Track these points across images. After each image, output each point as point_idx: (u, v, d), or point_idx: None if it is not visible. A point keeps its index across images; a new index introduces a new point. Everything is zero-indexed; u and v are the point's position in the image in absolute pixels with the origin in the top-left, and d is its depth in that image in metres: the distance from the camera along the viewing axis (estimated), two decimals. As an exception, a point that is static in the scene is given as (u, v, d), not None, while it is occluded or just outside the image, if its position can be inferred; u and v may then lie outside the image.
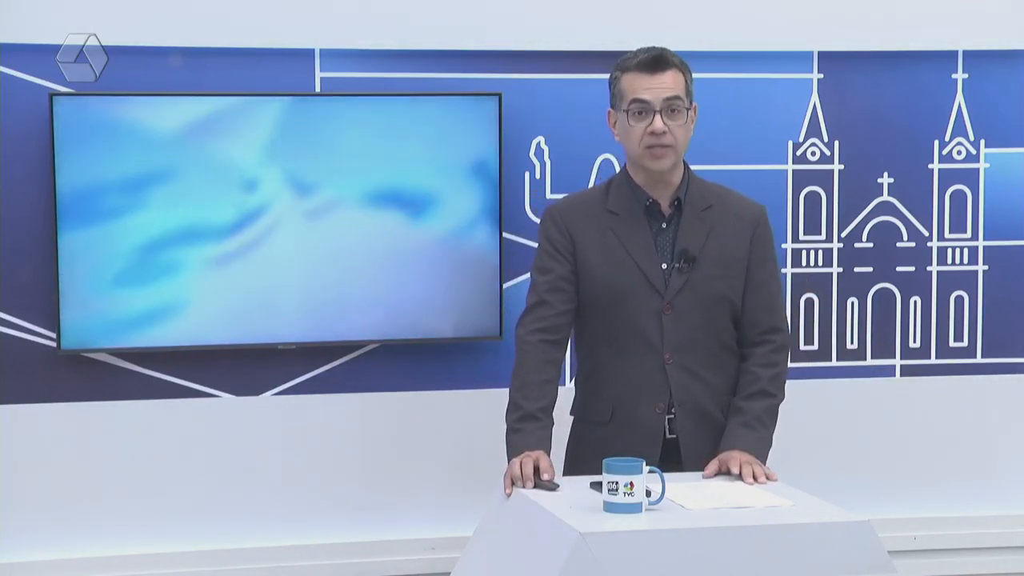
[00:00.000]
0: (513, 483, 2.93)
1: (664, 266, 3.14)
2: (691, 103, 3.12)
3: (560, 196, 3.71)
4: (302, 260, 4.20)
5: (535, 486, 2.89)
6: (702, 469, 3.06)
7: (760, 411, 3.12)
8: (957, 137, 4.58)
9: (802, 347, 4.54)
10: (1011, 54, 4.57)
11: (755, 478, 2.93)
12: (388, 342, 4.30)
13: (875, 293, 4.58)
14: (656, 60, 3.10)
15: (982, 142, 4.59)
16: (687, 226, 3.15)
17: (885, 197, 4.57)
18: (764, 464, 3.04)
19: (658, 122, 3.06)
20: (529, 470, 2.91)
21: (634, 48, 3.15)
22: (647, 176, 3.15)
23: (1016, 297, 4.65)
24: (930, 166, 4.58)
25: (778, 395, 3.18)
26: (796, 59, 4.48)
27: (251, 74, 4.19)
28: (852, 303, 4.58)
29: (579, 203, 3.23)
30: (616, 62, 3.16)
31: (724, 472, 2.99)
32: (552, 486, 2.88)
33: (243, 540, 4.29)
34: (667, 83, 3.08)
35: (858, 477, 4.53)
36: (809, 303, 4.56)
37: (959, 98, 4.56)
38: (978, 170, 4.60)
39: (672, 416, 3.14)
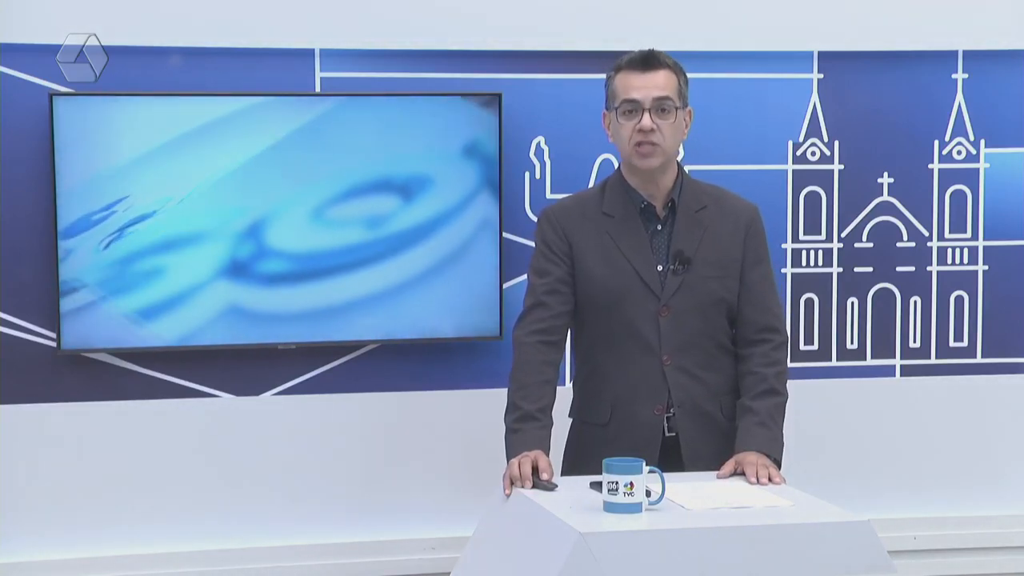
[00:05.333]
0: (512, 483, 2.93)
1: (660, 268, 3.14)
2: (684, 105, 3.12)
3: (560, 196, 3.70)
4: (302, 259, 4.20)
5: (533, 486, 2.89)
6: (704, 468, 3.07)
7: (771, 409, 3.12)
8: (957, 137, 4.58)
9: (802, 347, 4.54)
10: (1011, 54, 4.57)
11: (767, 479, 2.93)
12: (388, 342, 4.30)
13: (875, 293, 4.59)
14: (647, 58, 3.11)
15: (982, 142, 4.59)
16: (681, 228, 3.15)
17: (885, 197, 4.57)
18: (779, 466, 3.05)
19: (646, 119, 3.06)
20: (527, 470, 2.92)
21: (632, 48, 3.16)
22: (640, 177, 3.15)
23: (1016, 297, 4.65)
24: (930, 166, 4.58)
25: (784, 393, 3.18)
26: (796, 59, 4.48)
27: (251, 74, 4.19)
28: (852, 303, 4.58)
29: (575, 205, 3.23)
30: (610, 65, 3.17)
31: (739, 473, 2.99)
32: (550, 486, 2.88)
33: (243, 540, 4.29)
34: (658, 82, 3.08)
35: (858, 477, 4.53)
36: (809, 303, 4.56)
37: (959, 98, 4.57)
38: (978, 170, 4.60)
39: (671, 415, 3.14)
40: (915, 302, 4.60)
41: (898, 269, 4.59)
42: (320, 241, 4.21)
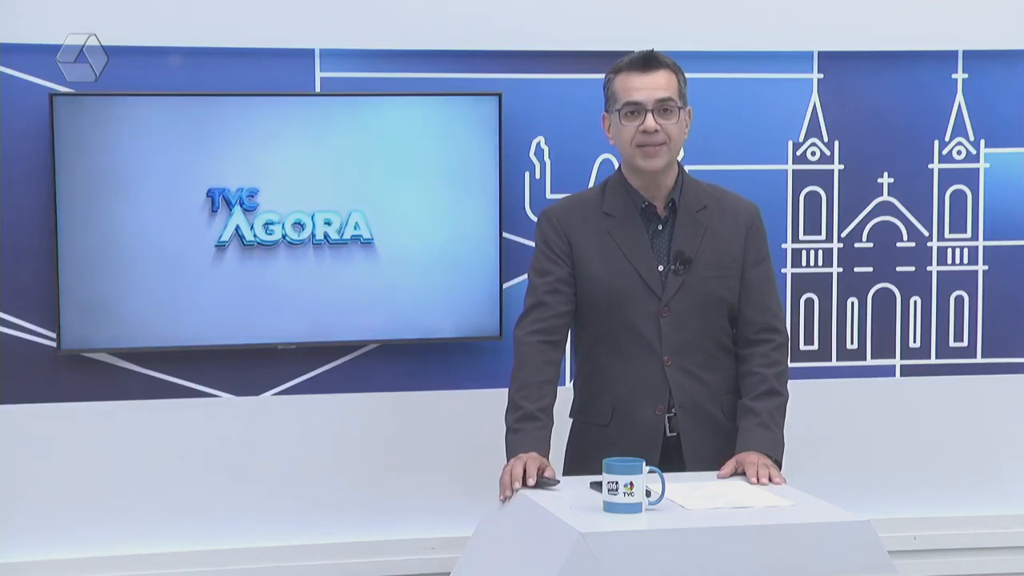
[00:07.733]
0: (503, 489, 2.92)
1: (660, 268, 3.14)
2: (684, 104, 3.13)
3: (560, 196, 3.70)
4: (302, 260, 4.20)
5: (536, 485, 2.89)
6: (705, 468, 3.07)
7: (772, 409, 3.12)
8: (957, 137, 4.58)
9: (802, 347, 4.54)
10: (1011, 54, 4.57)
11: (767, 479, 2.92)
12: (388, 342, 4.30)
13: (875, 293, 4.59)
14: (647, 59, 3.11)
15: (982, 142, 4.59)
16: (682, 228, 3.15)
17: (885, 197, 4.57)
18: (780, 466, 3.05)
19: (649, 120, 3.07)
20: (519, 471, 2.91)
21: (633, 48, 3.16)
22: (642, 178, 3.15)
23: (1016, 297, 4.65)
24: (930, 166, 4.58)
25: (785, 393, 3.18)
26: (796, 59, 4.48)
27: (251, 74, 4.19)
28: (852, 303, 4.58)
29: (575, 205, 3.23)
30: (610, 66, 3.17)
31: (740, 473, 2.99)
32: (552, 483, 2.88)
33: (243, 540, 4.29)
34: (660, 83, 3.08)
35: (858, 477, 4.53)
36: (809, 303, 4.56)
37: (959, 98, 4.57)
38: (978, 170, 4.60)
39: (672, 415, 3.14)
40: (915, 302, 4.60)
41: (898, 269, 4.59)
42: (320, 240, 4.20)
